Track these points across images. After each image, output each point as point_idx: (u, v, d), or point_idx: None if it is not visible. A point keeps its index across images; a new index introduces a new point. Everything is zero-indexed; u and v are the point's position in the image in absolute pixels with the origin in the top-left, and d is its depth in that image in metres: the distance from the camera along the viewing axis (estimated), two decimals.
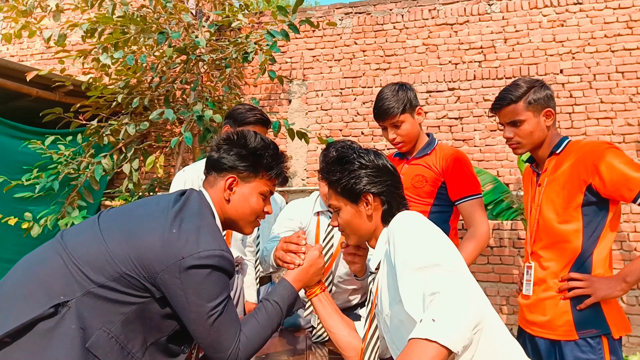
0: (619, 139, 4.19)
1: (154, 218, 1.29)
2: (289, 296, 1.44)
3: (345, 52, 5.02)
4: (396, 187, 1.40)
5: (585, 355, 1.67)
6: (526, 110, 1.80)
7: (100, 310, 1.21)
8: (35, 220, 4.15)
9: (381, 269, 1.36)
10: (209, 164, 1.48)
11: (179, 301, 1.24)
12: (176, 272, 1.22)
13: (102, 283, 1.21)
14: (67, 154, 4.26)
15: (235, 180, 1.44)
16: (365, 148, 1.45)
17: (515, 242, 4.35)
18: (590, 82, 4.33)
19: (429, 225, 1.27)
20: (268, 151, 1.47)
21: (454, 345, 0.96)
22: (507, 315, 4.28)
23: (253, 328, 1.34)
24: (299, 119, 5.09)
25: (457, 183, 2.06)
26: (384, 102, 2.09)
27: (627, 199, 1.65)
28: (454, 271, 1.11)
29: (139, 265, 1.22)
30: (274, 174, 1.48)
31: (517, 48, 4.55)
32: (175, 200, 1.36)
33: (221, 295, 1.27)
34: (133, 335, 1.25)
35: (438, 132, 4.66)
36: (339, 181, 1.38)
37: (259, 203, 1.47)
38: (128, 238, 1.25)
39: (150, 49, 4.36)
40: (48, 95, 4.41)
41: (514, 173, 4.44)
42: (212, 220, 1.38)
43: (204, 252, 1.23)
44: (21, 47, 6.06)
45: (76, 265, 1.23)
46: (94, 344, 1.19)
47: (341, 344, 1.46)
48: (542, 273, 1.79)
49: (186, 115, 3.99)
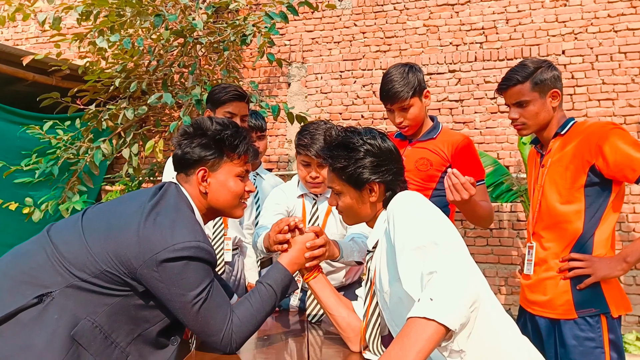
0: (620, 120, 4.18)
1: (130, 214, 1.30)
2: (283, 279, 1.45)
3: (344, 34, 4.96)
4: (400, 174, 1.40)
5: (584, 333, 1.69)
6: (532, 91, 1.79)
7: (84, 300, 1.23)
8: (36, 206, 4.15)
9: (379, 248, 1.37)
10: (176, 164, 1.48)
11: (161, 293, 1.26)
12: (153, 266, 1.23)
13: (85, 279, 1.23)
14: (66, 138, 4.24)
15: (206, 171, 1.44)
16: (370, 129, 1.42)
17: (515, 224, 4.36)
18: (593, 63, 4.29)
19: (428, 204, 1.27)
20: (227, 131, 1.45)
21: (452, 324, 0.97)
22: (506, 295, 4.31)
23: (246, 311, 1.36)
24: (298, 102, 5.06)
25: (467, 169, 2.04)
26: (393, 84, 2.03)
27: (630, 180, 1.65)
28: (452, 250, 1.12)
29: (118, 262, 1.24)
30: (242, 152, 1.47)
31: (519, 29, 4.50)
32: (153, 195, 1.37)
33: (203, 283, 1.28)
34: (118, 325, 1.27)
35: (439, 114, 4.63)
36: (344, 169, 1.36)
37: (237, 185, 1.47)
38: (106, 236, 1.27)
39: (147, 32, 4.32)
40: (45, 79, 4.38)
41: (514, 155, 4.43)
42: (189, 213, 1.38)
43: (178, 244, 1.25)
44: (16, 30, 6.00)
45: (59, 261, 1.25)
46: (78, 333, 1.21)
47: (340, 324, 1.47)
48: (543, 253, 1.80)
49: (185, 99, 3.96)
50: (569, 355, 1.69)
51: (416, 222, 1.20)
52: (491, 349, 1.17)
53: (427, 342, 0.96)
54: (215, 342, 1.32)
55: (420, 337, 0.97)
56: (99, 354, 1.23)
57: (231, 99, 2.21)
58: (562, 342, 1.71)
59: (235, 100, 2.21)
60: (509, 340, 1.20)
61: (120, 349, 1.27)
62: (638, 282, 4.02)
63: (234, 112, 2.21)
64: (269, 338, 1.64)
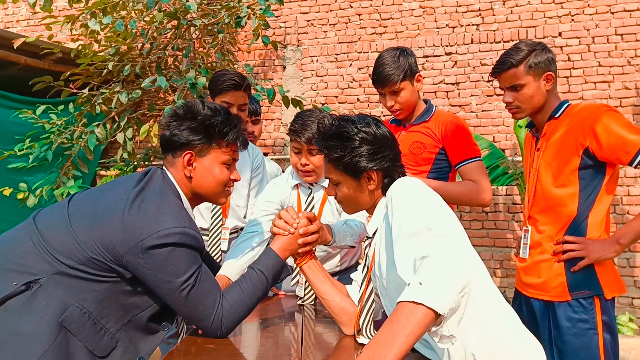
0: (615, 103, 4.17)
1: (115, 201, 1.29)
2: (274, 265, 1.45)
3: (340, 15, 4.91)
4: (397, 160, 1.39)
5: (578, 315, 1.71)
6: (526, 75, 1.78)
7: (73, 287, 1.23)
8: (30, 191, 4.13)
9: (379, 234, 1.37)
10: (163, 144, 1.46)
11: (148, 280, 1.27)
12: (139, 253, 1.23)
13: (72, 266, 1.23)
14: (60, 123, 4.19)
15: (192, 155, 1.42)
16: (364, 116, 1.41)
17: (510, 207, 4.38)
18: (589, 45, 4.27)
19: (426, 190, 1.27)
20: (217, 118, 1.43)
21: (441, 308, 0.97)
22: (501, 278, 4.35)
23: (237, 296, 1.37)
24: (293, 85, 5.02)
25: (457, 147, 2.07)
26: (384, 68, 2.03)
27: (624, 162, 1.65)
28: (446, 235, 1.12)
29: (104, 249, 1.24)
30: (231, 140, 1.45)
31: (515, 10, 4.46)
32: (138, 181, 1.36)
33: (190, 269, 1.28)
34: (107, 311, 1.27)
35: (435, 97, 4.62)
36: (340, 159, 1.34)
37: (223, 173, 1.45)
38: (92, 223, 1.26)
39: (139, 14, 4.25)
40: (37, 63, 4.32)
41: (510, 139, 4.43)
42: (174, 199, 1.37)
43: (163, 231, 1.24)
44: (6, 13, 5.90)
45: (45, 248, 1.25)
46: (66, 319, 1.21)
47: (334, 309, 1.48)
48: (538, 236, 1.81)
49: (179, 82, 3.93)
50: (562, 336, 1.71)
51: (412, 208, 1.20)
52: (483, 334, 1.18)
53: (416, 325, 0.97)
54: (205, 326, 1.33)
55: (409, 321, 0.97)
56: (88, 340, 1.23)
57: (227, 88, 2.17)
58: (556, 324, 1.73)
59: (231, 89, 2.18)
60: (502, 326, 1.21)
61: (110, 334, 1.27)
62: (631, 264, 4.07)
63: (230, 102, 2.18)
64: (263, 322, 1.66)
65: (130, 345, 1.31)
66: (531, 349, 1.23)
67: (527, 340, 1.24)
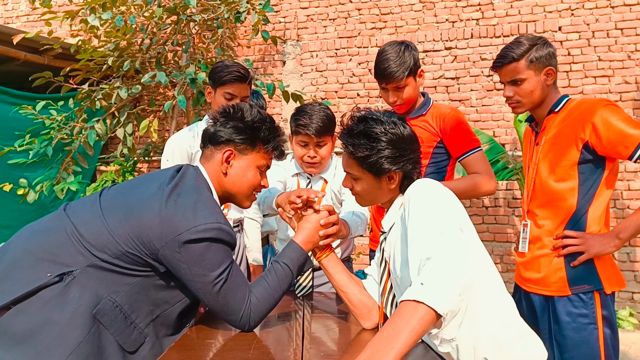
0: (615, 97, 4.17)
1: (151, 196, 1.31)
2: (298, 258, 1.47)
3: (340, 10, 4.89)
4: (418, 161, 1.41)
5: (577, 310, 1.71)
6: (527, 69, 1.77)
7: (106, 280, 1.24)
8: (30, 187, 4.13)
9: (395, 230, 1.39)
10: (206, 138, 1.49)
11: (183, 274, 1.28)
12: (176, 247, 1.25)
13: (106, 259, 1.25)
14: (60, 119, 4.20)
15: (233, 153, 1.45)
16: (390, 113, 1.41)
17: (510, 202, 4.39)
18: (589, 39, 4.26)
19: (443, 193, 1.29)
20: (265, 124, 1.48)
21: (441, 308, 1.00)
22: (501, 273, 4.36)
23: (264, 290, 1.39)
24: (293, 80, 5.01)
25: (458, 140, 2.07)
26: (389, 64, 2.00)
27: (624, 156, 1.65)
28: (454, 239, 1.15)
29: (140, 243, 1.25)
30: (271, 147, 1.50)
31: (515, 5, 4.45)
32: (172, 177, 1.37)
33: (224, 264, 1.30)
34: (138, 305, 1.29)
35: (435, 92, 4.61)
36: (365, 159, 1.35)
37: (256, 176, 1.49)
38: (127, 217, 1.28)
39: (139, 9, 4.24)
40: (36, 58, 4.31)
41: (510, 133, 4.43)
42: (209, 195, 1.39)
43: (200, 225, 1.26)
44: (6, 8, 5.88)
45: (79, 241, 1.26)
46: (100, 312, 1.22)
47: (353, 301, 1.50)
48: (538, 231, 1.81)
49: (179, 78, 3.92)
50: (562, 331, 1.72)
51: (427, 211, 1.22)
52: (483, 335, 1.20)
53: (418, 322, 0.99)
54: (235, 320, 1.34)
55: (412, 318, 1.00)
56: (119, 333, 1.25)
57: (232, 80, 2.16)
58: (555, 318, 1.74)
59: (236, 81, 2.17)
60: (504, 328, 1.23)
61: (139, 330, 1.29)
62: (632, 259, 4.08)
63: (234, 94, 2.17)
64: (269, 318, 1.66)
65: (157, 342, 1.33)
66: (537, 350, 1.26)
67: (532, 342, 1.26)
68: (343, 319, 1.62)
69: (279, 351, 1.32)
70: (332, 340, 1.47)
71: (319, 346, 1.37)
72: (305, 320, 1.60)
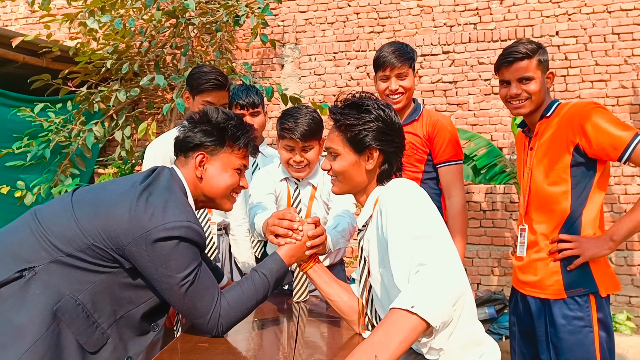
0: (612, 102, 4.18)
1: (122, 193, 1.31)
2: (278, 270, 1.46)
3: (338, 14, 4.91)
4: (401, 151, 1.40)
5: (573, 312, 1.72)
6: (537, 69, 1.80)
7: (69, 277, 1.23)
8: (28, 189, 4.12)
9: (369, 230, 1.37)
10: (177, 146, 1.50)
11: (149, 272, 1.27)
12: (143, 244, 1.24)
13: (70, 253, 1.23)
14: (58, 121, 4.19)
15: (205, 156, 1.45)
16: (386, 102, 1.42)
17: (508, 206, 4.39)
18: (586, 44, 4.28)
19: (421, 195, 1.27)
20: (231, 122, 1.47)
21: (433, 319, 0.99)
22: (499, 277, 4.36)
23: (236, 296, 1.37)
24: (292, 84, 5.02)
25: (439, 147, 2.11)
26: (393, 49, 2.08)
27: (613, 158, 1.67)
28: (442, 245, 1.13)
29: (107, 237, 1.24)
30: (242, 144, 1.49)
31: (513, 9, 4.46)
32: (146, 177, 1.38)
33: (191, 266, 1.29)
34: (101, 305, 1.27)
35: (432, 96, 4.62)
36: (350, 127, 1.33)
37: (233, 177, 1.49)
38: (97, 212, 1.27)
39: (138, 12, 4.25)
40: (35, 61, 4.31)
41: (508, 137, 4.44)
42: (181, 195, 1.39)
43: (169, 223, 1.25)
44: (4, 11, 5.88)
45: (45, 235, 1.25)
46: (61, 309, 1.20)
47: (343, 309, 1.49)
48: (534, 235, 1.82)
49: (177, 81, 3.93)
50: (558, 334, 1.72)
51: (409, 213, 1.19)
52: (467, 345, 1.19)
53: (410, 333, 0.98)
54: (202, 324, 1.33)
55: (404, 327, 0.99)
56: (80, 333, 1.22)
57: (211, 88, 2.10)
58: (551, 321, 1.75)
59: (215, 89, 2.11)
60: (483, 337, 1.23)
61: (102, 330, 1.26)
62: (629, 263, 4.08)
63: (212, 102, 2.10)
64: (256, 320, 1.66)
65: (120, 344, 1.30)
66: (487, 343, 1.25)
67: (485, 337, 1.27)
68: (337, 324, 1.62)
69: (271, 354, 1.32)
70: (325, 344, 1.48)
71: (312, 350, 1.37)
72: (299, 324, 1.60)
